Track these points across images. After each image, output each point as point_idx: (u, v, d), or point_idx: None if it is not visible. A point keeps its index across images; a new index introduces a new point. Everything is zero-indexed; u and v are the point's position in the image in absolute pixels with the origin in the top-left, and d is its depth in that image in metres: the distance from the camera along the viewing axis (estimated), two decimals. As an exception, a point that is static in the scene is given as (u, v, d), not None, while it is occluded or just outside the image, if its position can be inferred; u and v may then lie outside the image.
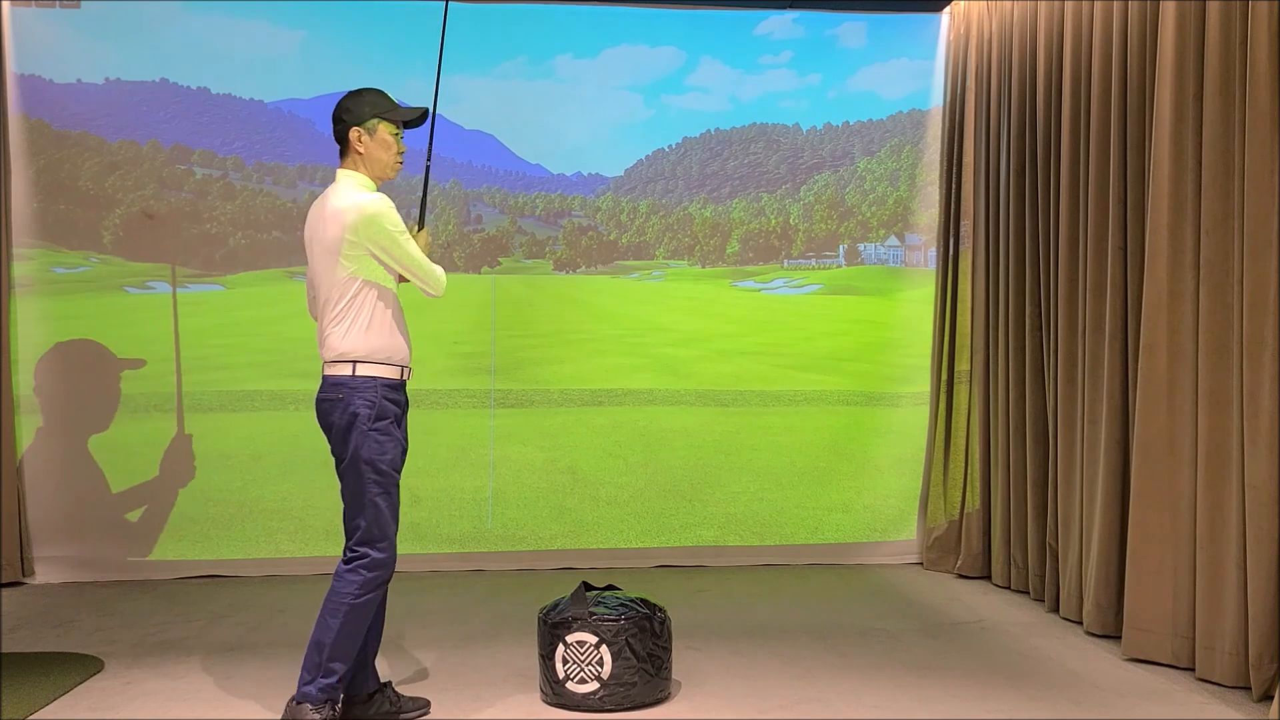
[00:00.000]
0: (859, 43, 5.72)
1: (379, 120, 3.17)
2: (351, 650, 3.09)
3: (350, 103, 3.18)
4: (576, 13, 5.56)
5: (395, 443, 3.13)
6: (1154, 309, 3.78)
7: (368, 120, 3.16)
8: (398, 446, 3.15)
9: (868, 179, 5.81)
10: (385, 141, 3.19)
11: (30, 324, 5.20)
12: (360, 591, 3.06)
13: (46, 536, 5.17)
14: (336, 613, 3.05)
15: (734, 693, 3.53)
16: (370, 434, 3.07)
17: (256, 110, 5.46)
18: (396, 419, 3.15)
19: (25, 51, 5.19)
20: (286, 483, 5.36)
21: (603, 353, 5.70)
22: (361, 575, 3.07)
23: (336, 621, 3.04)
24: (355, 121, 3.16)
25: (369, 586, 3.08)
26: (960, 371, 5.42)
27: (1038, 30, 4.72)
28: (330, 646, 3.05)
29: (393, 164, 3.23)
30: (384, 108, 3.18)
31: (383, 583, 3.12)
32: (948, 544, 5.38)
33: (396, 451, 3.14)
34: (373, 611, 3.13)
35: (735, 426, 5.68)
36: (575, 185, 5.72)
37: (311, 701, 3.04)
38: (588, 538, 5.49)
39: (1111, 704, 3.41)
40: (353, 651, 3.09)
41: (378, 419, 3.08)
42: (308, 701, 3.04)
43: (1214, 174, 3.57)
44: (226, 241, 5.45)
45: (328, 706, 3.06)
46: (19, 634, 4.27)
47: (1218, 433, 3.55)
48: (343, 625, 3.04)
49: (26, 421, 5.18)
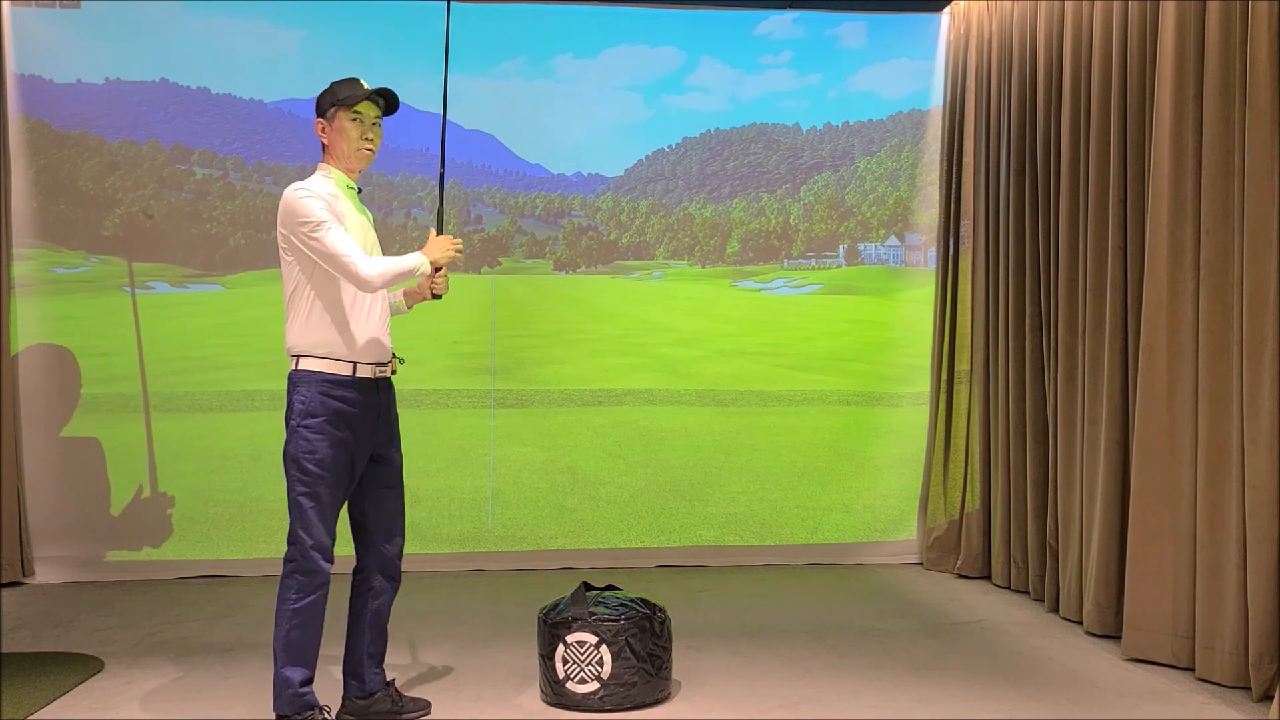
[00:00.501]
0: (859, 43, 5.72)
1: (337, 108, 3.10)
2: (304, 656, 3.01)
3: (319, 97, 3.15)
4: (576, 13, 5.56)
5: (330, 442, 3.00)
6: (1154, 309, 3.78)
7: (326, 111, 3.12)
8: (334, 446, 3.01)
9: (868, 179, 5.81)
10: (342, 128, 3.09)
11: (30, 324, 5.20)
12: (295, 596, 2.98)
13: (46, 536, 5.18)
14: (279, 619, 3.00)
15: (734, 693, 3.53)
16: (299, 430, 2.99)
17: (256, 110, 5.46)
18: (339, 417, 3.01)
19: (25, 51, 5.19)
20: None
21: (603, 353, 5.70)
22: (294, 579, 2.99)
23: (280, 629, 2.99)
24: (319, 114, 3.13)
25: (303, 590, 2.98)
26: (960, 371, 5.42)
27: (1038, 30, 4.72)
28: (279, 654, 3.00)
29: (354, 152, 3.11)
30: (340, 95, 3.10)
31: (318, 586, 3.01)
32: (948, 544, 5.38)
33: (330, 452, 3.00)
34: (316, 615, 3.02)
35: (735, 426, 5.68)
36: (575, 185, 5.72)
37: (288, 715, 3.01)
38: (588, 538, 5.49)
39: (1111, 704, 3.41)
40: (308, 657, 3.02)
41: (309, 415, 2.99)
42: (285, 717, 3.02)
43: (1214, 174, 3.57)
44: (226, 241, 5.45)
45: (314, 712, 3.02)
46: (19, 634, 4.27)
47: (1218, 433, 3.55)
48: (287, 632, 2.98)
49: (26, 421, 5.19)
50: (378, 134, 3.14)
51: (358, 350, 3.07)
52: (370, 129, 3.12)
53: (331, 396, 3.02)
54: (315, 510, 2.99)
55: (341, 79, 3.14)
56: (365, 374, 3.09)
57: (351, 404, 3.05)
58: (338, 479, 3.04)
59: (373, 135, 3.12)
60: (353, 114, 3.09)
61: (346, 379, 3.05)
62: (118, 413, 5.31)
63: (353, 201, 3.16)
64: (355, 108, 3.08)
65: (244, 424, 5.38)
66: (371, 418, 3.11)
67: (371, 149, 3.12)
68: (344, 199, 3.11)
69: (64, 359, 5.26)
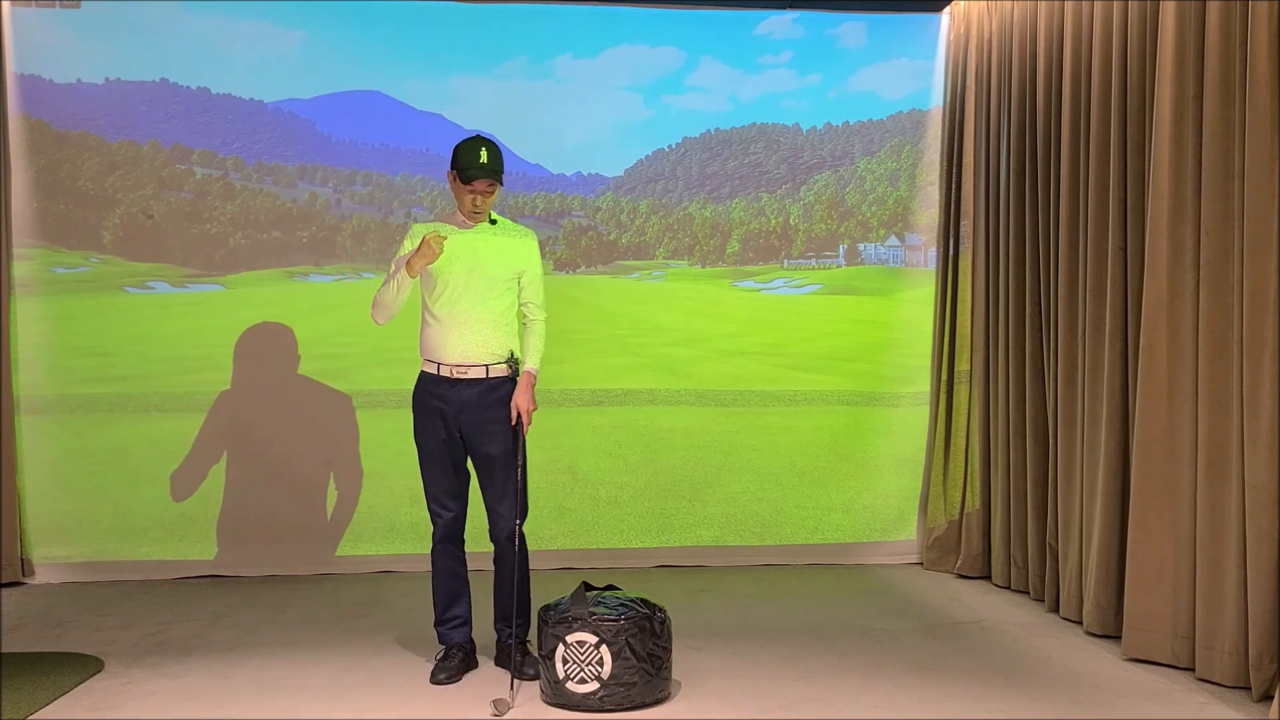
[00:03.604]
0: (859, 43, 5.72)
1: (455, 173, 3.66)
2: (435, 599, 3.78)
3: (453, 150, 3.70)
4: (576, 13, 5.55)
5: (423, 428, 3.69)
6: (1154, 309, 3.78)
7: (451, 169, 3.69)
8: (425, 431, 3.69)
9: (868, 179, 5.81)
10: (458, 191, 3.68)
11: (30, 324, 5.20)
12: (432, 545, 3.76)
13: (46, 536, 5.18)
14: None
15: (734, 693, 3.53)
16: (413, 416, 3.73)
17: (256, 110, 5.45)
18: (428, 408, 3.67)
19: (25, 51, 5.18)
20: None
21: (603, 353, 5.69)
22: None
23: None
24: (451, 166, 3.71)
25: (432, 541, 3.75)
26: (960, 371, 5.42)
27: (1038, 30, 4.72)
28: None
29: (467, 214, 3.69)
30: (459, 163, 3.64)
31: (437, 540, 3.74)
32: (948, 544, 5.38)
33: (424, 435, 3.69)
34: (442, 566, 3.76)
35: (735, 426, 5.67)
36: (575, 185, 5.72)
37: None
38: (588, 538, 5.49)
39: (1111, 704, 3.41)
40: (437, 599, 3.78)
41: (415, 405, 3.72)
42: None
43: (1214, 174, 3.57)
44: (226, 241, 5.45)
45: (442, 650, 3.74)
46: (19, 634, 4.27)
47: (1218, 433, 3.55)
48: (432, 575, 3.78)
49: (26, 421, 5.18)
50: (487, 201, 3.67)
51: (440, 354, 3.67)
52: (480, 199, 3.66)
53: (425, 390, 3.70)
54: (426, 478, 3.74)
55: (467, 140, 3.65)
56: (448, 374, 3.66)
57: (439, 398, 3.67)
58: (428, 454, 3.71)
59: (481, 204, 3.66)
60: (469, 186, 3.63)
61: (434, 377, 3.69)
62: (118, 413, 5.31)
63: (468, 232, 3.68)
64: (470, 181, 3.61)
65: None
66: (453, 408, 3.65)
67: (480, 213, 3.69)
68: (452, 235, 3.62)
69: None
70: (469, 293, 3.64)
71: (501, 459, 3.69)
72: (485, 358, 3.66)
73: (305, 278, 5.43)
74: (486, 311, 3.67)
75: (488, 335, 3.67)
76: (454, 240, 3.62)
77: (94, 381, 5.31)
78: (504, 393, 3.70)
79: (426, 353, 3.70)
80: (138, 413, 5.32)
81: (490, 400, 3.68)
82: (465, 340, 3.64)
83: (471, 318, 3.65)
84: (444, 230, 3.64)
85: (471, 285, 3.64)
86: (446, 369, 3.65)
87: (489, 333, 3.67)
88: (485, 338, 3.66)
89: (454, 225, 3.71)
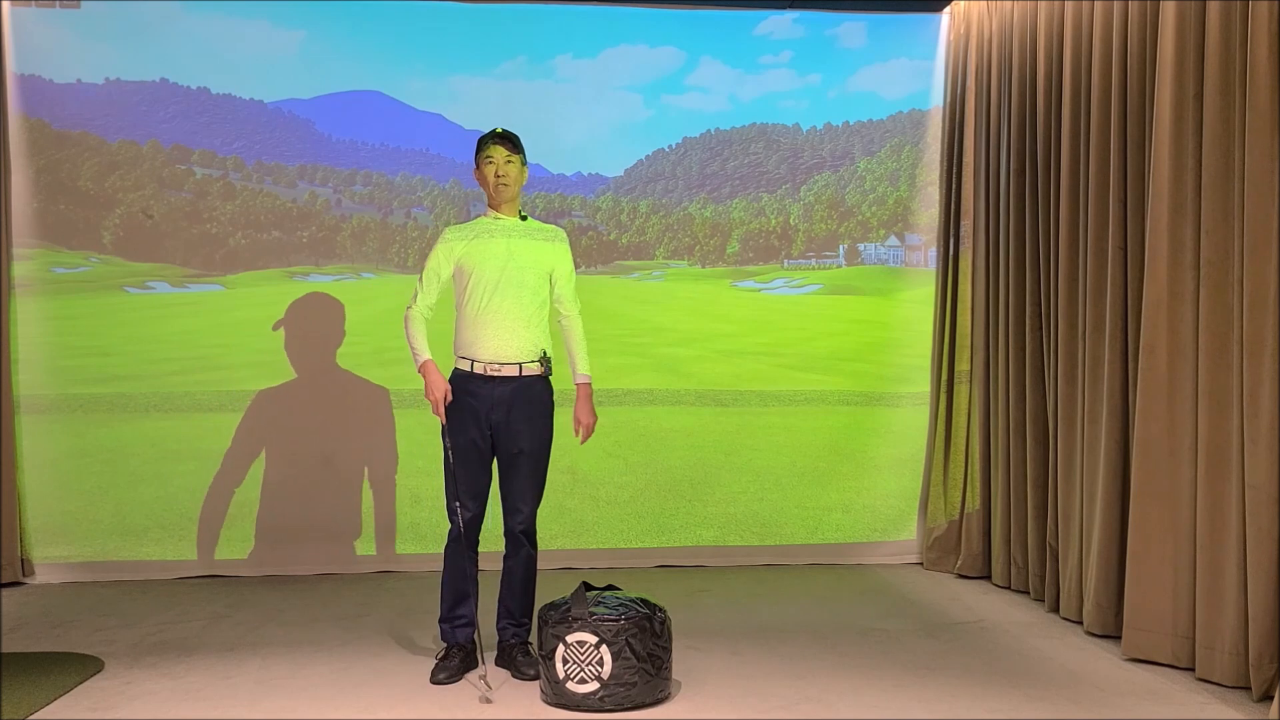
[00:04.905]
0: (859, 43, 5.72)
1: (476, 158, 3.78)
2: (443, 595, 3.80)
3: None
4: (576, 13, 5.55)
5: (456, 424, 3.71)
6: (1154, 309, 3.78)
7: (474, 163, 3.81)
8: (459, 428, 3.71)
9: (868, 179, 5.81)
10: (481, 172, 3.78)
11: (30, 324, 5.20)
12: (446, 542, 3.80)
13: (46, 536, 5.18)
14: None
15: (734, 693, 3.53)
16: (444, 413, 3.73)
17: (256, 110, 5.45)
18: (461, 405, 3.71)
19: (25, 51, 5.18)
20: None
21: (603, 353, 5.65)
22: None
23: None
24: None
25: (447, 538, 3.79)
26: (960, 371, 5.42)
27: (1038, 30, 4.72)
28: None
29: (493, 190, 3.76)
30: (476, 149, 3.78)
31: (452, 538, 3.77)
32: (948, 544, 5.38)
33: (455, 432, 3.71)
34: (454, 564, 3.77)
35: (735, 426, 5.67)
36: (575, 185, 5.72)
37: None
38: (588, 538, 5.49)
39: (1111, 704, 3.41)
40: (444, 596, 3.79)
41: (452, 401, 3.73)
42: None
43: (1214, 174, 3.57)
44: (226, 241, 5.45)
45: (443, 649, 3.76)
46: (19, 634, 4.27)
47: (1218, 432, 3.55)
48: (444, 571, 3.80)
49: (26, 421, 5.19)
50: (510, 169, 3.72)
51: (474, 350, 3.72)
52: (504, 166, 3.71)
53: (459, 387, 3.74)
54: (450, 474, 3.74)
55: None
56: (482, 370, 3.71)
57: (472, 394, 3.72)
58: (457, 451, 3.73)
59: (505, 171, 3.71)
60: (486, 158, 3.72)
61: (467, 374, 3.74)
62: (118, 413, 5.31)
63: (500, 231, 3.76)
64: (485, 152, 3.71)
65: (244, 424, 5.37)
66: (485, 406, 3.70)
67: (506, 185, 3.73)
68: (484, 235, 3.75)
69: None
70: (501, 291, 3.70)
71: (529, 457, 3.76)
72: (519, 356, 3.72)
73: (305, 278, 5.43)
74: (520, 310, 3.73)
75: (520, 334, 3.72)
76: (487, 240, 3.73)
77: (94, 381, 5.31)
78: (536, 391, 3.77)
79: (460, 350, 3.75)
80: (137, 413, 5.32)
81: (522, 399, 3.73)
82: (499, 339, 3.70)
83: (505, 316, 3.71)
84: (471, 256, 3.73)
85: (504, 284, 3.71)
86: (480, 366, 3.71)
87: (522, 331, 3.72)
88: (519, 336, 3.72)
89: (487, 221, 3.80)
